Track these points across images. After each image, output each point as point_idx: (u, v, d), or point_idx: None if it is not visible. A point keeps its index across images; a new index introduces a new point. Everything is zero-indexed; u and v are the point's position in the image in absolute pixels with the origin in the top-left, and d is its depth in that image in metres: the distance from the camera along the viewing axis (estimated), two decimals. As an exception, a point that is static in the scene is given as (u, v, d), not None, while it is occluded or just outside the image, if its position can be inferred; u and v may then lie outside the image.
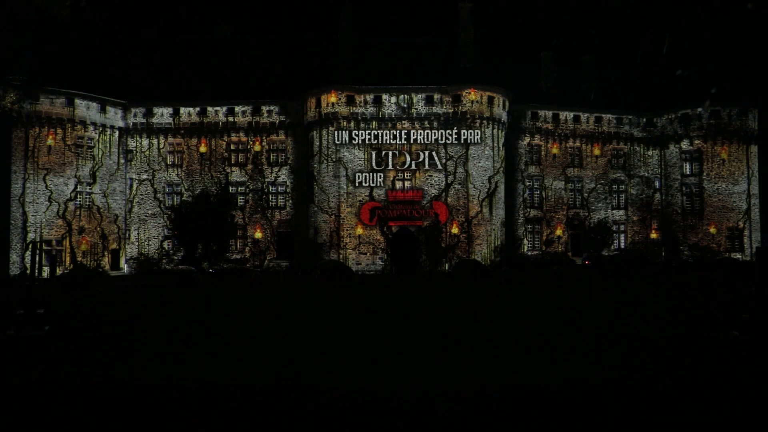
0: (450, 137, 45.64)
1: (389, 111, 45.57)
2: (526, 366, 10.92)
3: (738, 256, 48.26)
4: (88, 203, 46.27)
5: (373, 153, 45.62)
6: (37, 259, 40.80)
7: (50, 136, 44.61)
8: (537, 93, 52.20)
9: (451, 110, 45.54)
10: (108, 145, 47.86)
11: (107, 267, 46.31)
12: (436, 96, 45.56)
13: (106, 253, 47.29)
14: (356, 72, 46.64)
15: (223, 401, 8.75)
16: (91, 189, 46.45)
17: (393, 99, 45.56)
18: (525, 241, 50.48)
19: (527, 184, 50.88)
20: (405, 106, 45.52)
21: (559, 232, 50.85)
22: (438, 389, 9.29)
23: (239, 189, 49.01)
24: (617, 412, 8.22)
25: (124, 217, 49.30)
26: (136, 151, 49.59)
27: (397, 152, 45.63)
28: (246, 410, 8.36)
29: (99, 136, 47.17)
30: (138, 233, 49.40)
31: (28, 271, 40.30)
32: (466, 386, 9.48)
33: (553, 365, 10.95)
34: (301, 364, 11.23)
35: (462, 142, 45.68)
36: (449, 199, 45.44)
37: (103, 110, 47.36)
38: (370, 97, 45.62)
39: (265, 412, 8.34)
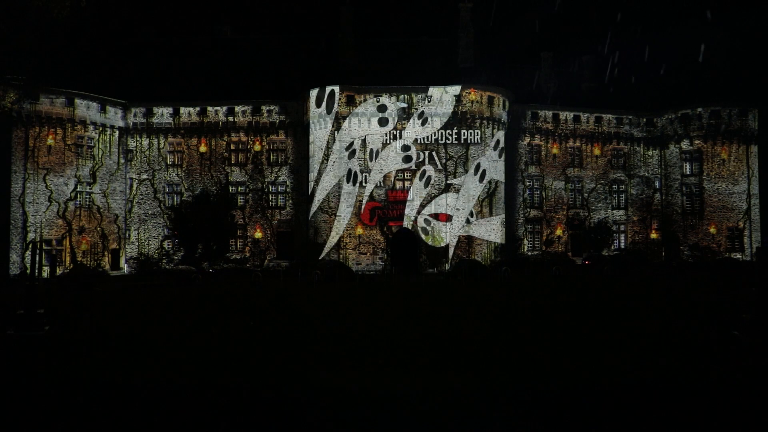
0: (450, 137, 45.61)
1: (389, 111, 45.53)
2: (526, 366, 10.92)
3: (738, 256, 48.24)
4: (88, 203, 46.26)
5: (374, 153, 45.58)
6: (37, 259, 40.79)
7: (50, 136, 44.61)
8: (537, 93, 52.18)
9: (451, 110, 45.52)
10: (108, 145, 47.85)
11: (107, 267, 46.30)
12: (436, 96, 45.53)
13: (106, 253, 47.28)
14: (356, 72, 46.61)
15: (223, 401, 8.75)
16: (91, 189, 46.44)
17: (393, 99, 45.53)
18: (525, 241, 50.47)
19: (527, 184, 50.87)
20: (405, 105, 45.49)
21: (559, 232, 50.84)
22: (439, 388, 9.28)
23: (239, 189, 49.00)
24: (617, 412, 8.22)
25: (124, 217, 49.29)
26: (136, 151, 49.58)
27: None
28: (246, 410, 8.36)
29: (99, 136, 47.16)
30: (138, 233, 49.39)
31: (28, 271, 40.29)
32: (467, 385, 9.48)
33: (551, 365, 10.95)
34: (302, 364, 11.23)
35: (462, 142, 45.65)
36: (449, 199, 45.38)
37: (103, 110, 47.35)
38: (370, 97, 45.59)
39: (264, 413, 8.34)
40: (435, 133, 45.55)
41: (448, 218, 45.19)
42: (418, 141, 45.57)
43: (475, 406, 8.56)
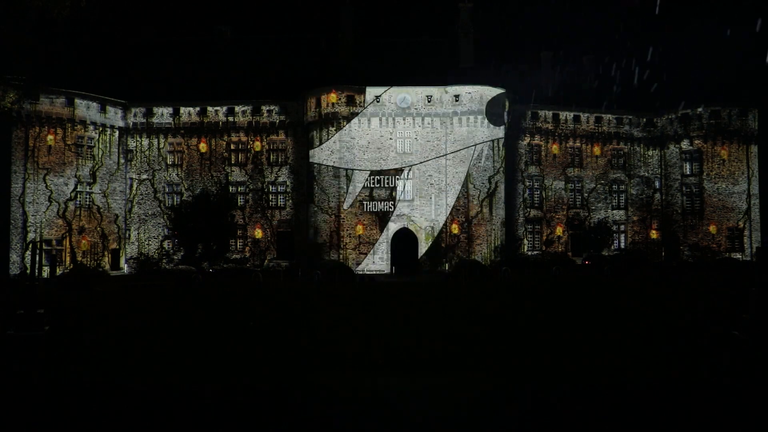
0: (450, 137, 45.57)
1: (389, 111, 45.54)
2: (526, 366, 10.92)
3: (738, 256, 48.26)
4: (88, 203, 46.27)
5: (373, 153, 45.61)
6: (37, 259, 40.79)
7: (50, 136, 44.62)
8: (537, 93, 52.12)
9: (451, 110, 45.52)
10: (108, 144, 47.86)
11: (107, 267, 46.31)
12: (436, 96, 45.54)
13: (106, 253, 47.28)
14: (356, 72, 46.64)
15: (223, 401, 8.75)
16: (91, 189, 46.45)
17: (393, 99, 45.53)
18: (525, 241, 50.47)
19: (527, 184, 50.87)
20: (405, 106, 45.50)
21: (559, 232, 50.84)
22: (440, 388, 9.29)
23: (239, 189, 49.01)
24: (617, 412, 8.22)
25: (124, 217, 49.29)
26: (136, 151, 49.58)
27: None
28: (246, 411, 8.36)
29: (99, 136, 47.17)
30: (138, 233, 49.39)
31: (28, 271, 40.29)
32: (467, 385, 9.48)
33: (551, 365, 10.95)
34: (302, 364, 11.23)
35: (462, 142, 45.61)
36: (449, 199, 45.40)
37: (103, 110, 47.36)
38: (370, 97, 45.58)
39: (265, 413, 8.34)
40: (435, 132, 45.55)
41: (448, 218, 45.17)
42: (418, 141, 45.58)
43: (475, 406, 8.56)
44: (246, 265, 45.12)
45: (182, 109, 49.29)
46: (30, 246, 42.54)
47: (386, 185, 45.48)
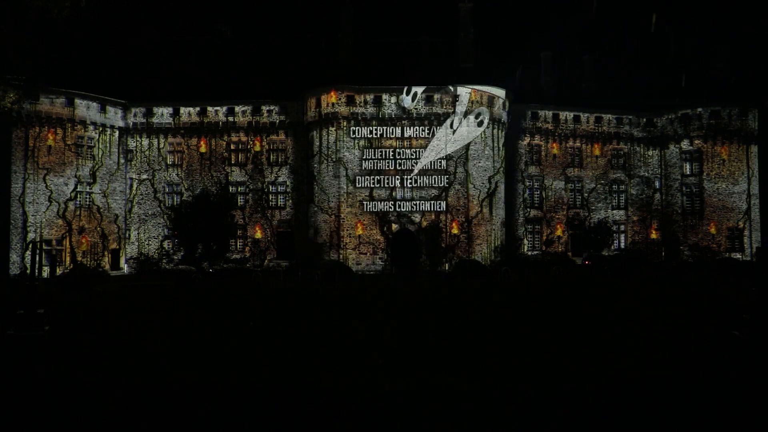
0: (450, 137, 45.57)
1: (389, 111, 45.52)
2: (525, 365, 10.91)
3: (738, 256, 48.24)
4: (88, 203, 46.25)
5: (374, 153, 45.60)
6: (37, 259, 40.77)
7: (50, 136, 44.60)
8: (537, 93, 52.15)
9: (451, 110, 45.50)
10: (108, 144, 47.84)
11: (107, 267, 46.28)
12: (436, 96, 45.52)
13: (106, 253, 47.26)
14: (356, 72, 46.59)
15: (223, 401, 8.75)
16: (91, 189, 46.42)
17: (393, 99, 45.51)
18: (525, 241, 50.46)
19: (527, 184, 50.86)
20: (405, 105, 45.48)
21: (559, 232, 50.83)
22: (439, 388, 9.28)
23: (239, 189, 48.98)
24: (617, 412, 8.22)
25: (124, 217, 49.28)
26: (136, 151, 49.56)
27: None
28: (246, 410, 8.36)
29: (99, 135, 47.16)
30: (138, 233, 49.37)
31: (28, 271, 40.27)
32: (466, 385, 9.48)
33: (550, 365, 10.94)
34: (302, 364, 11.22)
35: (462, 141, 45.62)
36: (449, 199, 45.40)
37: (103, 110, 47.34)
38: (370, 97, 45.57)
39: (265, 412, 8.34)
40: (435, 132, 45.54)
41: (448, 218, 45.17)
42: (418, 141, 45.57)
43: (475, 406, 8.56)
44: (246, 265, 45.07)
45: (182, 109, 49.27)
46: (30, 246, 42.52)
47: (386, 185, 45.45)
